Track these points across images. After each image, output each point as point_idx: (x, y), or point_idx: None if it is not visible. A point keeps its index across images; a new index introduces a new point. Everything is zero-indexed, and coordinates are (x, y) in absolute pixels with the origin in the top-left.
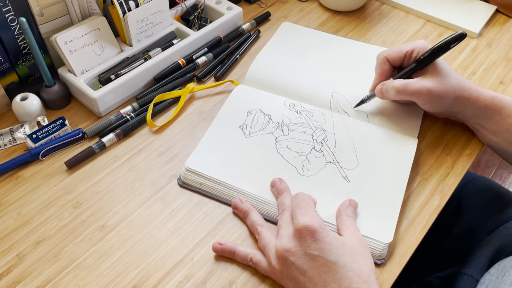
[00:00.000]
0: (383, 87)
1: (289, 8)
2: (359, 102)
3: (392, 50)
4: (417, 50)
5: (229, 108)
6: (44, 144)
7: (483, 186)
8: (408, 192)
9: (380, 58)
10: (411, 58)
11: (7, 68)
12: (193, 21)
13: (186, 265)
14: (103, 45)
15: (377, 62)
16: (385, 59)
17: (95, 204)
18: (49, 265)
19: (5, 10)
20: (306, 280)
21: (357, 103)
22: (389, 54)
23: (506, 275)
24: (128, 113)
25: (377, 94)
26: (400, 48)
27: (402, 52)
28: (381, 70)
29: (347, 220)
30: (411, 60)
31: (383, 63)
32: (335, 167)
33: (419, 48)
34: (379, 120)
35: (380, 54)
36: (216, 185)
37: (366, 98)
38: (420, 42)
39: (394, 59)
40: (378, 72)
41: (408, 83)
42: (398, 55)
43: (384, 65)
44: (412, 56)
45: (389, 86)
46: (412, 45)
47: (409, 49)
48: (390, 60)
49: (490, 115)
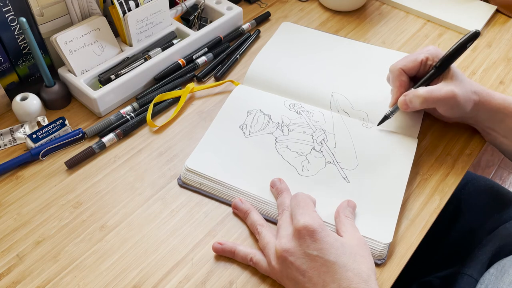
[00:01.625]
0: (406, 98)
1: (289, 8)
2: (382, 119)
3: (406, 60)
4: (431, 57)
5: (229, 108)
6: (44, 144)
7: (483, 186)
8: (408, 192)
9: (395, 70)
10: (426, 66)
11: (7, 68)
12: (193, 21)
13: (186, 265)
14: (103, 45)
15: (393, 75)
16: (401, 70)
17: (95, 204)
18: (49, 265)
19: (5, 10)
20: (306, 280)
21: (380, 121)
22: (404, 64)
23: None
24: (128, 113)
25: (401, 106)
26: (414, 57)
27: (417, 61)
28: (400, 82)
29: (346, 220)
30: (427, 68)
31: (400, 74)
32: (335, 167)
33: (432, 55)
34: (379, 120)
35: (394, 66)
36: (216, 185)
37: (389, 114)
38: (431, 48)
39: (410, 69)
40: (397, 84)
41: (433, 90)
42: (414, 64)
43: (402, 77)
44: (427, 63)
45: (414, 96)
46: (425, 52)
47: (424, 57)
48: (406, 71)
49: (502, 118)
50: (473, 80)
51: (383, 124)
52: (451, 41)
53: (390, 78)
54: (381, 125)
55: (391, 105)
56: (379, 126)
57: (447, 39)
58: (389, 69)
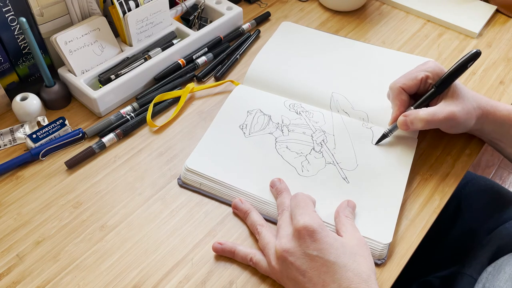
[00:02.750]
0: (408, 119)
1: (289, 8)
2: (380, 137)
3: (405, 78)
4: (432, 75)
5: (229, 108)
6: (44, 144)
7: (483, 186)
8: (408, 192)
9: (395, 88)
10: (426, 84)
11: (7, 68)
12: (193, 21)
13: (186, 265)
14: (103, 45)
15: (393, 93)
16: (401, 88)
17: (95, 204)
18: (49, 265)
19: (5, 10)
20: (306, 280)
21: (378, 139)
22: (403, 83)
23: (502, 273)
24: (128, 113)
25: (401, 126)
26: (413, 75)
27: (417, 79)
28: (400, 101)
29: (346, 220)
30: (427, 86)
31: (400, 93)
32: (335, 168)
33: (433, 72)
34: (379, 121)
35: (394, 85)
36: (216, 185)
37: (387, 132)
38: (432, 65)
39: (410, 87)
40: (397, 103)
41: (435, 112)
42: (414, 83)
43: (402, 95)
44: (427, 81)
45: (415, 119)
46: (425, 70)
47: (424, 75)
48: (406, 89)
49: (508, 129)
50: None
51: (383, 125)
52: (451, 41)
53: (390, 96)
54: (381, 126)
55: (390, 123)
56: (377, 124)
57: (447, 39)
58: (389, 87)
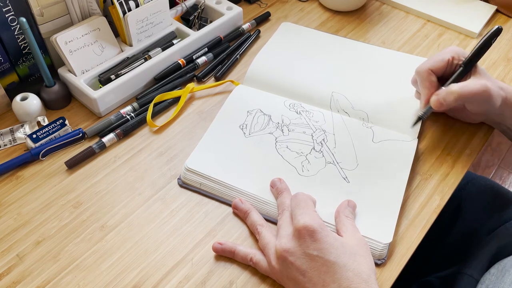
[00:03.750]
0: (439, 97)
1: (289, 8)
2: (416, 120)
3: (433, 60)
4: (457, 56)
5: (229, 108)
6: (44, 144)
7: (483, 186)
8: (408, 192)
9: (423, 71)
10: (452, 66)
11: (7, 68)
12: (193, 21)
13: (186, 265)
14: (103, 45)
15: (422, 76)
16: (430, 70)
17: (95, 204)
18: (49, 265)
19: (5, 10)
20: (306, 280)
21: (414, 122)
22: (432, 65)
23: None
24: (128, 113)
25: (435, 105)
26: (440, 57)
27: (444, 61)
28: (430, 82)
29: (346, 220)
30: (453, 67)
31: (429, 75)
32: (335, 167)
33: (457, 54)
34: (379, 120)
35: (422, 68)
36: (216, 185)
37: (423, 114)
38: (454, 48)
39: (438, 69)
40: (427, 85)
41: (467, 85)
42: (442, 64)
43: (431, 77)
44: (453, 63)
45: (448, 93)
46: (449, 52)
47: (450, 57)
48: (434, 71)
49: None
50: None
51: (383, 124)
52: (451, 41)
53: (418, 80)
54: (381, 125)
55: (423, 106)
56: (377, 124)
57: (447, 39)
58: (416, 71)
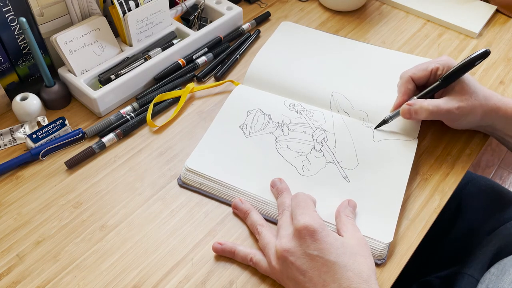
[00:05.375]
0: (412, 108)
1: (289, 8)
2: (380, 122)
3: (417, 68)
4: (442, 68)
5: (229, 108)
6: (44, 144)
7: (483, 186)
8: (408, 192)
9: (404, 77)
10: (436, 76)
11: (7, 68)
12: (193, 21)
13: (186, 265)
14: (103, 45)
15: (401, 81)
16: (410, 78)
17: (95, 204)
18: (49, 265)
19: (5, 10)
20: (306, 280)
21: (378, 124)
22: (414, 73)
23: (506, 274)
24: (128, 113)
25: (403, 114)
26: (425, 66)
27: (427, 70)
28: (405, 89)
29: (347, 220)
30: (436, 77)
31: (407, 82)
32: (335, 167)
33: (443, 66)
34: (379, 120)
35: (405, 73)
36: (216, 185)
37: (388, 118)
38: (444, 59)
39: (419, 77)
40: (402, 91)
41: (439, 104)
42: (424, 74)
43: (408, 84)
44: (437, 74)
45: (420, 108)
46: (436, 62)
47: (434, 67)
48: (415, 79)
49: None
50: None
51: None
52: (451, 41)
53: (398, 84)
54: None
55: (392, 110)
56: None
57: (447, 39)
58: (400, 75)
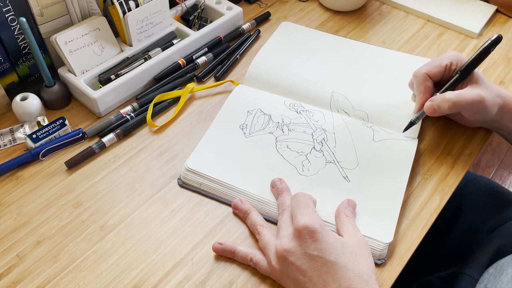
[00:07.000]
0: (434, 104)
1: (289, 8)
2: (407, 125)
3: (431, 65)
4: (455, 62)
5: (229, 108)
6: (44, 144)
7: (483, 186)
8: (408, 192)
9: (419, 75)
10: (450, 71)
11: (7, 68)
12: (193, 21)
13: (186, 265)
14: (103, 45)
15: (418, 80)
16: (426, 75)
17: (95, 204)
18: (49, 265)
19: (5, 10)
20: (306, 280)
21: (406, 127)
22: (428, 70)
23: (504, 274)
24: (128, 113)
25: (428, 111)
26: (438, 62)
27: (442, 66)
28: (425, 87)
29: (346, 220)
30: (451, 73)
31: (425, 79)
32: (335, 167)
33: (455, 60)
34: (379, 120)
35: (419, 72)
36: (216, 185)
37: (415, 120)
38: (454, 54)
39: (435, 74)
40: (422, 90)
41: (461, 94)
42: (439, 70)
43: (427, 82)
44: (451, 68)
45: (442, 101)
46: (448, 58)
47: (448, 62)
48: (431, 76)
49: None
50: None
51: (383, 124)
52: (451, 41)
53: (414, 84)
54: (382, 125)
55: (416, 110)
56: (377, 123)
57: (447, 39)
58: (413, 75)
